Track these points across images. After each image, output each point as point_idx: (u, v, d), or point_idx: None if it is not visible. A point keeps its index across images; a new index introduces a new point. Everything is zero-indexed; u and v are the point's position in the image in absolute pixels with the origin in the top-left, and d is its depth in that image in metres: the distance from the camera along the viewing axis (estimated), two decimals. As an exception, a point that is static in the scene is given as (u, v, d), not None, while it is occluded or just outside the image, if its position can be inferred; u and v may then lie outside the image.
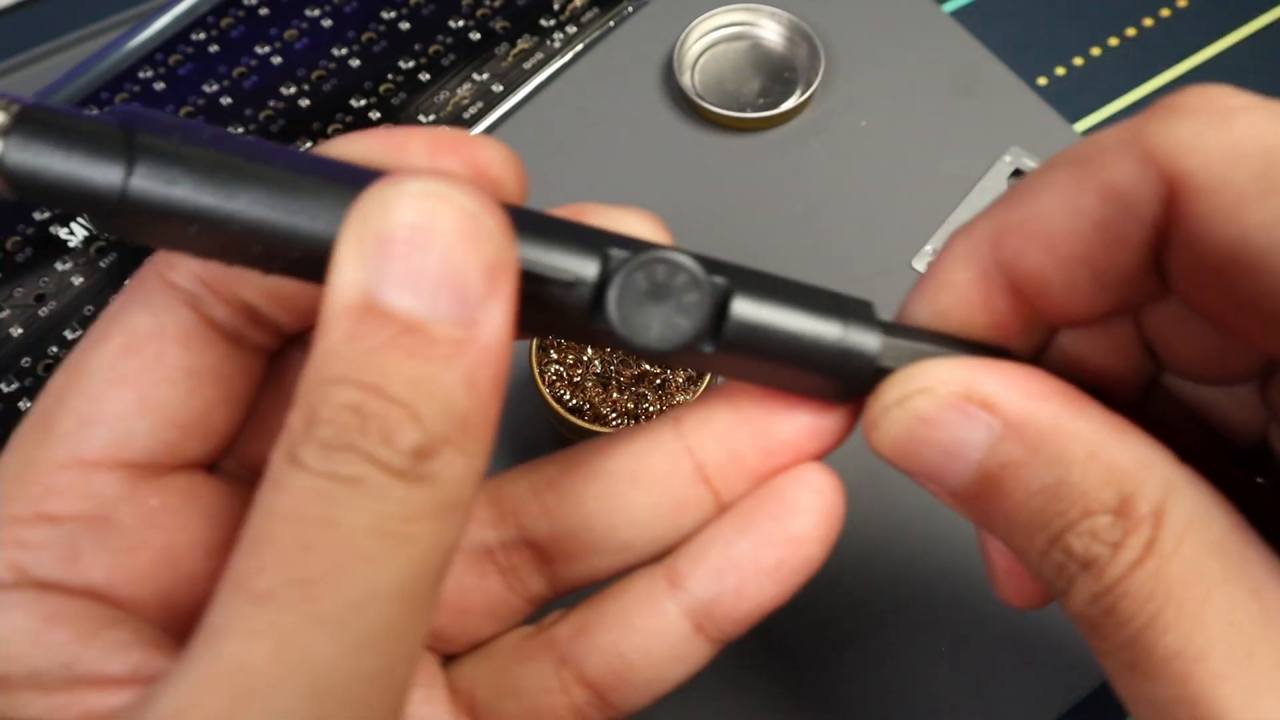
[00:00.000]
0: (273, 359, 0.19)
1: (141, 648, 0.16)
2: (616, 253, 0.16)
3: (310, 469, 0.13)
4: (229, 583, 0.14)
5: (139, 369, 0.17)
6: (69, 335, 0.37)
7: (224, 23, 0.43)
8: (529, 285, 0.16)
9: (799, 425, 0.19)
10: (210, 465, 0.18)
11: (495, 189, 0.18)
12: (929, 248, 0.39)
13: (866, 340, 0.18)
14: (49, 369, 0.36)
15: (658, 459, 0.19)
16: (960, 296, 0.18)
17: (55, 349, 0.37)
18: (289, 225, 0.15)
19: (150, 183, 0.14)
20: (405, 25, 0.43)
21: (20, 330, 0.37)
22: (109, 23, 0.44)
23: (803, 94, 0.41)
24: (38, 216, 0.39)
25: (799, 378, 0.18)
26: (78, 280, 0.38)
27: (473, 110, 0.42)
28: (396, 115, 0.41)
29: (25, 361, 0.37)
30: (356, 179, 0.15)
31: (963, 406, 0.17)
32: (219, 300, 0.17)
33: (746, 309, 0.17)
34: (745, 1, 0.43)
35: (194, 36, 0.43)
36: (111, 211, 0.15)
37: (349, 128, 0.41)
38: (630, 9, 0.44)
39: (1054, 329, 0.19)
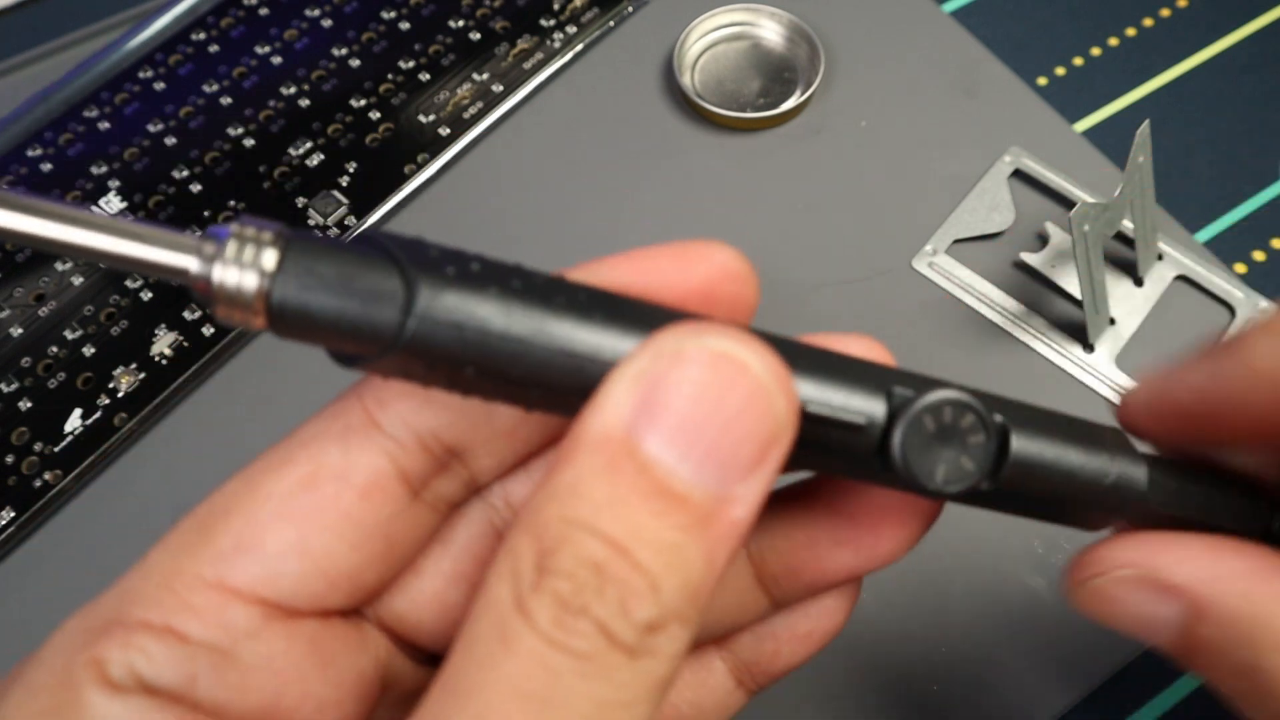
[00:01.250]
0: (445, 516, 0.18)
1: None
2: (900, 391, 0.16)
3: (541, 631, 0.13)
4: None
5: (310, 509, 0.16)
6: (69, 335, 0.37)
7: (224, 22, 0.43)
8: (810, 427, 0.15)
9: (863, 559, 0.20)
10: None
11: (744, 292, 0.18)
12: (929, 247, 0.39)
13: (1135, 474, 0.18)
14: (49, 369, 0.36)
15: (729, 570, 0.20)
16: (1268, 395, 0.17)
17: (55, 349, 0.37)
18: (569, 361, 0.14)
19: (431, 323, 0.13)
20: (405, 25, 0.43)
21: (20, 330, 0.37)
22: (108, 23, 0.44)
23: (803, 94, 0.41)
24: (37, 216, 0.39)
25: (1065, 512, 0.18)
26: (78, 280, 0.38)
27: (473, 110, 0.42)
28: (396, 115, 0.41)
29: (25, 361, 0.37)
30: (643, 316, 0.15)
31: (1145, 587, 0.17)
32: (421, 450, 0.17)
33: (1024, 446, 0.17)
34: (745, 1, 0.43)
35: (194, 36, 0.43)
36: (382, 349, 0.14)
37: (349, 128, 0.41)
38: (630, 9, 0.44)
39: None
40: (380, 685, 0.18)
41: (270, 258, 0.13)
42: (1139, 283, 0.38)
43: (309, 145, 0.41)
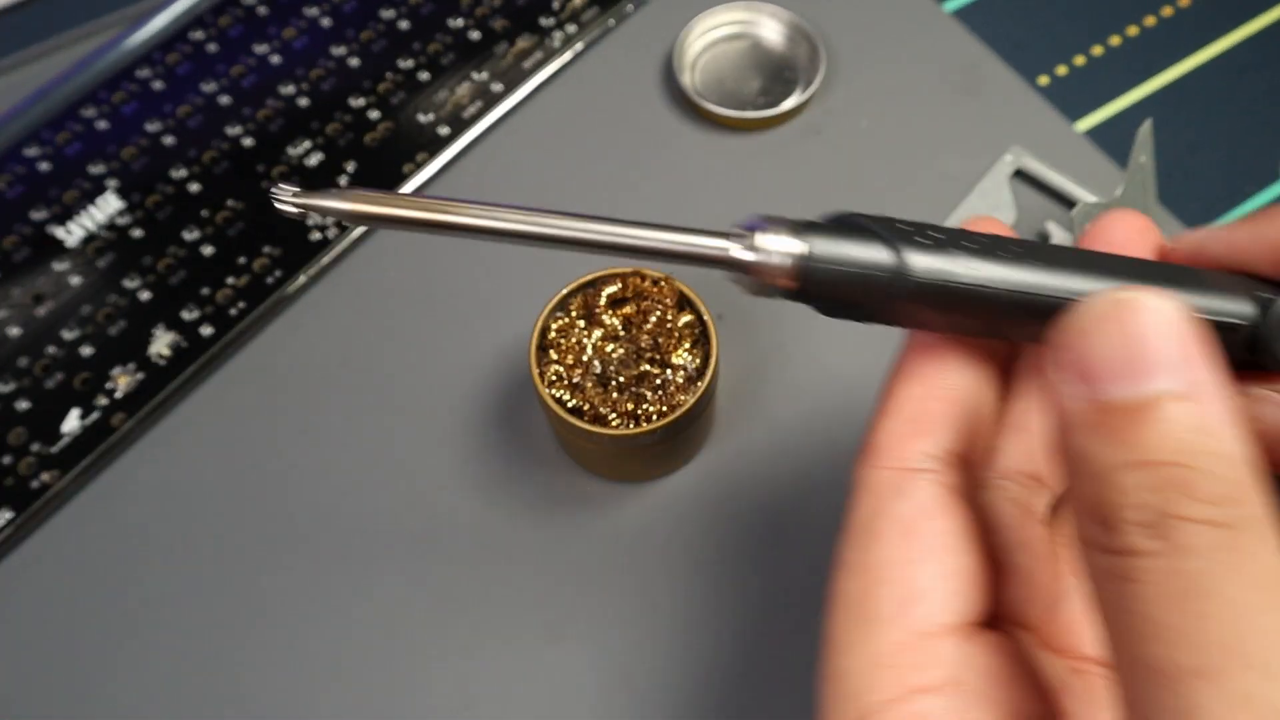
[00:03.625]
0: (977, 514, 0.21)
1: None
2: (1261, 294, 0.19)
3: (1148, 550, 0.15)
4: (1148, 679, 0.15)
5: (925, 547, 0.19)
6: (66, 335, 0.37)
7: (222, 21, 0.43)
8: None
9: None
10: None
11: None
12: (930, 248, 0.38)
13: None
14: (46, 370, 0.36)
15: None
16: None
17: (53, 349, 0.37)
18: (1039, 297, 0.18)
19: (930, 264, 0.18)
20: (404, 24, 0.43)
21: (18, 330, 0.37)
22: (107, 21, 0.44)
23: (803, 93, 0.41)
24: (35, 216, 0.39)
25: None
26: (75, 280, 0.38)
27: (472, 109, 0.41)
28: (396, 114, 0.41)
29: (23, 362, 0.36)
30: (1088, 262, 0.19)
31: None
32: (952, 467, 0.20)
33: None
34: (745, 0, 0.43)
35: (192, 35, 0.43)
36: (892, 294, 0.18)
37: (348, 128, 0.41)
38: (630, 8, 0.44)
39: None
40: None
41: (795, 242, 0.18)
42: (1141, 283, 0.38)
43: (308, 145, 0.41)
